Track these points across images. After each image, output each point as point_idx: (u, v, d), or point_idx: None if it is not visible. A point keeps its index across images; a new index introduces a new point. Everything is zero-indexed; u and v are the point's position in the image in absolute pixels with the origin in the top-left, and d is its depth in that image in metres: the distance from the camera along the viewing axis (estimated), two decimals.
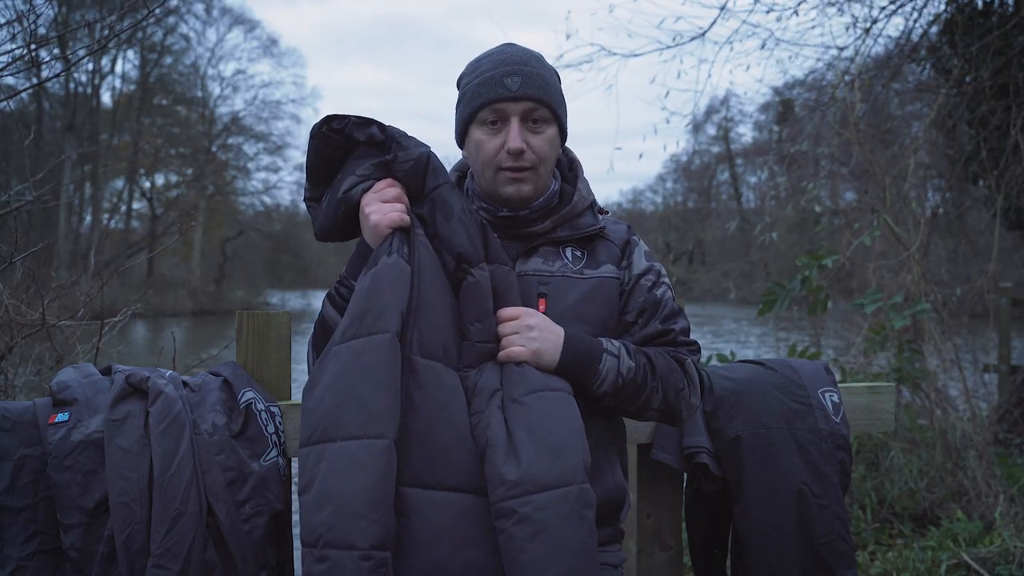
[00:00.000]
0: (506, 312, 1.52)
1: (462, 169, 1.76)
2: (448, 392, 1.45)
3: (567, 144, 1.76)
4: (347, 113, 1.54)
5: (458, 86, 1.67)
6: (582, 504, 1.41)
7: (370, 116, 1.54)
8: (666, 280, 1.70)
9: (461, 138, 1.67)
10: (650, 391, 1.58)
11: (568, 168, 1.76)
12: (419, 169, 1.53)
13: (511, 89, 1.57)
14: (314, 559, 1.34)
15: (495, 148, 1.59)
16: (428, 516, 1.40)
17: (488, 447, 1.42)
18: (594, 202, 1.73)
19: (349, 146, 1.57)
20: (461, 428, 1.44)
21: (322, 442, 1.38)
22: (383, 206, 1.51)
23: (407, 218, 1.51)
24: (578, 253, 1.66)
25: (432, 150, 1.56)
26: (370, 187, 1.53)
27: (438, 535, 1.39)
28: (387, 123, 1.56)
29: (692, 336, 1.72)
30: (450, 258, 1.50)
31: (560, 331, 1.54)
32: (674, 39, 6.35)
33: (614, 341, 1.59)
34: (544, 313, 1.59)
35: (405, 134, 1.55)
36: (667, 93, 7.12)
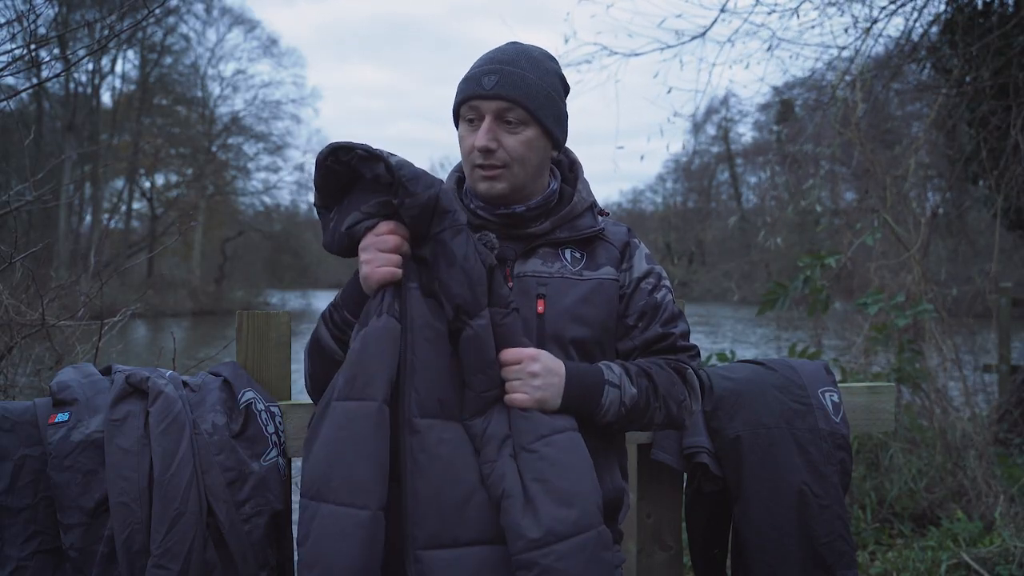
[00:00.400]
0: (508, 355, 1.51)
1: (460, 170, 1.76)
2: (452, 448, 1.46)
3: (572, 146, 1.76)
4: (354, 144, 1.49)
5: None
6: (601, 548, 1.44)
7: (378, 149, 1.48)
8: (667, 283, 1.70)
9: (458, 129, 1.69)
10: (652, 411, 1.60)
11: (568, 169, 1.75)
12: (426, 214, 1.49)
13: (485, 88, 1.57)
14: None
15: (470, 145, 1.59)
16: (451, 575, 1.42)
17: (504, 498, 1.44)
18: (594, 203, 1.72)
19: (355, 173, 1.53)
20: (470, 482, 1.46)
21: (316, 500, 1.44)
22: (377, 257, 1.49)
23: (398, 273, 1.49)
24: (577, 255, 1.66)
25: (443, 187, 1.52)
26: (373, 226, 1.50)
27: None
28: (393, 156, 1.49)
29: (693, 338, 1.72)
30: (449, 308, 1.49)
31: (562, 370, 1.53)
32: (677, 37, 6.35)
33: (614, 367, 1.58)
34: (543, 314, 1.59)
35: (414, 175, 1.47)
36: (669, 90, 7.11)
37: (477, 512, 1.45)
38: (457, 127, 1.66)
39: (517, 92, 1.57)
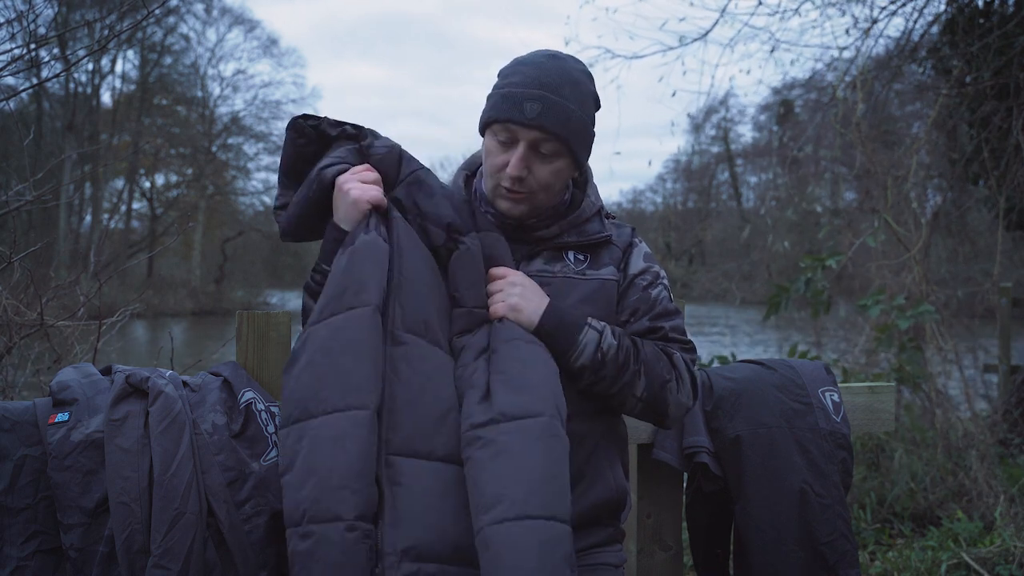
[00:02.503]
0: (495, 271, 1.55)
1: (471, 168, 1.74)
2: (433, 367, 1.46)
3: None
4: (320, 115, 1.59)
5: (497, 77, 1.64)
6: (549, 434, 1.39)
7: (341, 119, 1.59)
8: (664, 282, 1.69)
9: (483, 131, 1.66)
10: (632, 375, 1.55)
11: (578, 173, 1.75)
12: (393, 157, 1.56)
13: (527, 115, 1.52)
14: (298, 537, 1.33)
15: (500, 164, 1.58)
16: (424, 485, 1.38)
17: (467, 389, 1.44)
18: (602, 208, 1.72)
19: (322, 145, 1.59)
20: (449, 400, 1.44)
21: (302, 420, 1.38)
22: (362, 184, 1.51)
23: (384, 199, 1.53)
24: (580, 256, 1.66)
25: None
26: (346, 170, 1.54)
27: (435, 504, 1.38)
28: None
29: (690, 337, 1.71)
30: (439, 231, 1.52)
31: (546, 298, 1.56)
32: (679, 39, 6.35)
33: (602, 321, 1.58)
34: None
35: (375, 129, 1.58)
36: (674, 94, 7.11)
37: (453, 431, 1.43)
38: (483, 134, 1.63)
39: (558, 126, 1.54)
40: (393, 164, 1.56)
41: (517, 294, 1.53)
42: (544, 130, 1.53)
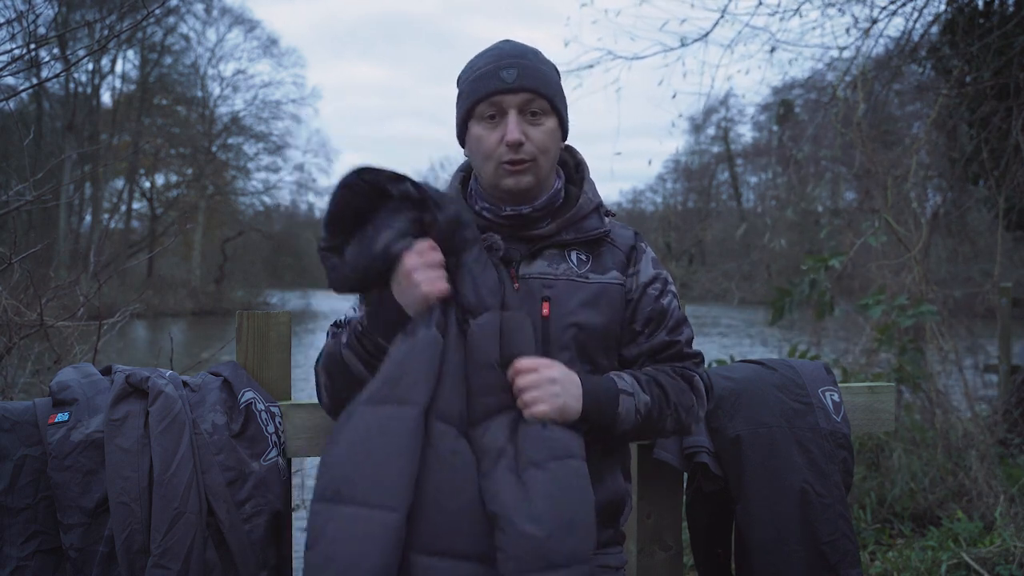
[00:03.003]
0: (523, 363, 1.47)
1: (465, 171, 1.74)
2: (459, 459, 1.43)
3: (575, 146, 1.75)
4: (380, 167, 1.49)
5: (457, 85, 1.67)
6: None
7: (401, 172, 1.50)
8: (672, 288, 1.69)
9: (461, 136, 1.66)
10: (665, 418, 1.59)
11: (575, 169, 1.74)
12: (452, 228, 1.50)
13: (507, 81, 1.56)
14: None
15: (494, 142, 1.57)
16: None
17: (501, 514, 1.39)
18: (600, 204, 1.71)
19: (376, 197, 1.51)
20: (472, 495, 1.41)
21: (334, 502, 1.37)
22: (431, 274, 1.46)
23: (449, 287, 1.48)
24: (583, 257, 1.65)
25: (460, 202, 1.56)
26: (410, 245, 1.48)
27: None
28: (418, 180, 1.51)
29: (695, 343, 1.72)
30: (459, 311, 1.48)
31: (577, 379, 1.51)
32: (680, 41, 6.35)
33: (624, 376, 1.57)
34: (547, 316, 1.58)
35: (439, 193, 1.50)
36: (674, 95, 7.10)
37: (473, 527, 1.41)
38: (465, 128, 1.63)
39: (538, 83, 1.58)
40: (452, 232, 1.50)
41: (560, 392, 1.46)
42: (528, 90, 1.56)
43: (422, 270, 1.45)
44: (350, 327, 1.56)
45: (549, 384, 1.46)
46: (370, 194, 1.49)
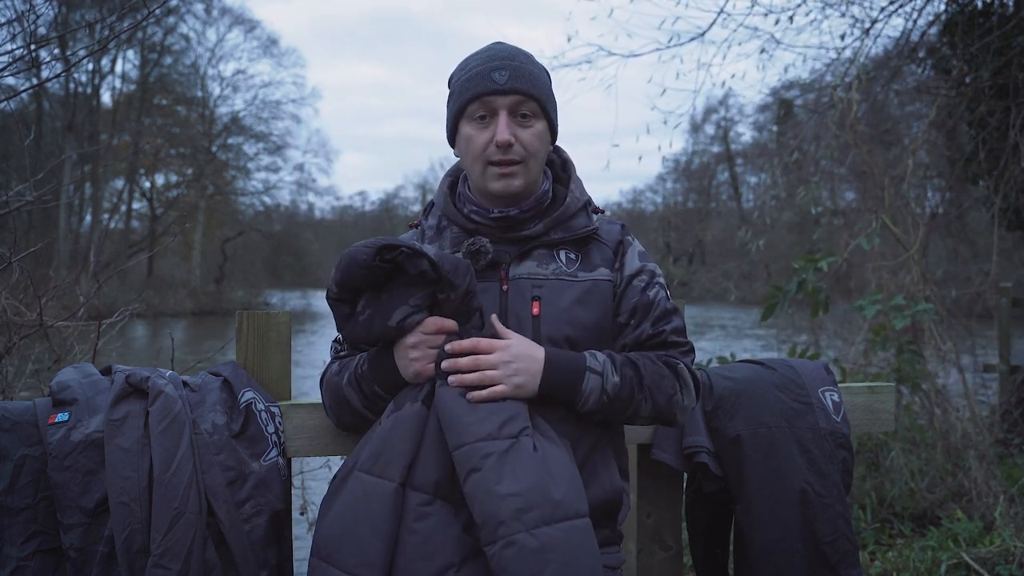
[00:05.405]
0: (482, 345, 1.53)
1: (455, 175, 1.76)
2: (433, 525, 1.48)
3: (560, 144, 1.76)
4: (396, 241, 1.52)
5: (449, 85, 1.68)
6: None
7: (419, 246, 1.52)
8: (660, 280, 1.69)
9: (452, 136, 1.68)
10: (637, 403, 1.58)
11: (561, 168, 1.75)
12: (464, 301, 1.56)
13: (499, 83, 1.57)
14: None
15: (484, 142, 1.59)
16: None
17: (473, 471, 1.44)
18: (588, 202, 1.71)
19: (397, 270, 1.55)
20: (444, 562, 1.46)
21: (325, 562, 1.49)
22: (428, 354, 1.54)
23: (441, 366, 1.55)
24: (572, 255, 1.65)
25: (470, 266, 1.57)
26: (421, 319, 1.54)
27: None
28: (428, 249, 1.54)
29: (689, 338, 1.71)
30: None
31: (540, 354, 1.54)
32: (670, 39, 6.35)
33: (599, 355, 1.58)
34: (538, 316, 1.59)
35: (454, 267, 1.52)
36: (663, 92, 7.07)
37: None
38: (456, 128, 1.64)
39: (529, 86, 1.59)
40: (463, 304, 1.55)
41: (516, 369, 1.52)
42: (519, 92, 1.58)
43: (422, 348, 1.54)
44: (352, 367, 1.63)
45: (504, 365, 1.52)
46: (389, 272, 1.54)
